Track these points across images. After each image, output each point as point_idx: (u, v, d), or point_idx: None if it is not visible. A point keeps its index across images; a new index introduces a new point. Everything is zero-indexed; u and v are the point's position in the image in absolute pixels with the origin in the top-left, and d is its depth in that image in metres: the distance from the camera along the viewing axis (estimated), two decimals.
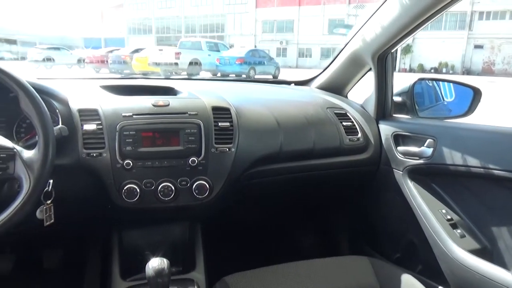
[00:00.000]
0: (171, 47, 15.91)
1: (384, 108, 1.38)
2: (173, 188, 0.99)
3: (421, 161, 1.21)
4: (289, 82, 1.76)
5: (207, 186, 1.01)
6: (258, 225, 1.71)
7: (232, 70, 13.89)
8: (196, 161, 1.01)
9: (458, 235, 1.10)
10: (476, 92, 1.35)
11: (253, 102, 1.26)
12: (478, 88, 1.35)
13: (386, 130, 1.34)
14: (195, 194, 1.01)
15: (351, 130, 1.31)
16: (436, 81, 1.53)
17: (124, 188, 0.96)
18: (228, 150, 1.05)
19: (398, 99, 1.40)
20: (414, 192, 1.21)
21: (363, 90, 1.53)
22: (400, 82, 1.41)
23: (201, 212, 1.12)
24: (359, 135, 1.31)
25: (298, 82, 1.74)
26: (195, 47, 15.02)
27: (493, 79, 17.54)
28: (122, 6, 39.43)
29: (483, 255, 1.03)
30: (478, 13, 25.62)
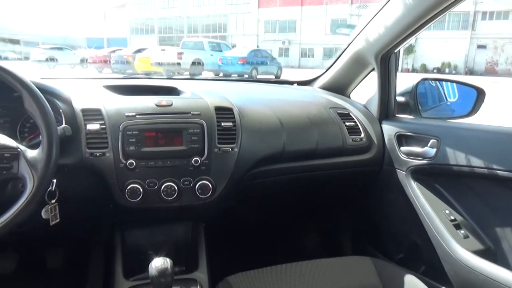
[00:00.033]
0: (174, 47, 15.90)
1: (387, 108, 1.38)
2: (176, 188, 0.99)
3: (424, 161, 1.20)
4: (291, 82, 1.75)
5: (210, 186, 1.01)
6: (261, 225, 1.71)
7: (234, 70, 13.90)
8: (199, 161, 1.01)
9: (462, 235, 1.10)
10: (480, 92, 1.34)
11: (256, 102, 1.26)
12: (482, 88, 1.34)
13: (389, 130, 1.33)
14: (198, 194, 1.01)
15: (354, 130, 1.31)
16: (439, 81, 1.52)
17: (127, 188, 0.96)
18: (231, 150, 1.05)
19: (401, 99, 1.39)
20: (417, 193, 1.21)
21: (366, 90, 1.53)
22: (403, 82, 1.41)
23: (204, 212, 1.12)
24: (362, 135, 1.31)
25: (301, 82, 1.74)
26: (198, 47, 15.04)
27: (496, 79, 17.47)
28: (125, 6, 39.49)
29: (486, 255, 1.03)
30: (481, 13, 25.51)
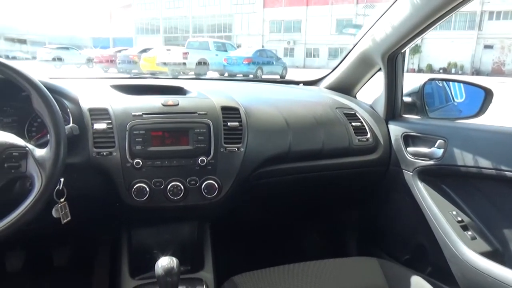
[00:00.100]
0: (179, 47, 15.97)
1: (394, 109, 1.37)
2: (182, 187, 0.99)
3: (431, 162, 1.20)
4: (297, 82, 1.75)
5: (216, 185, 1.01)
6: (266, 225, 1.71)
7: (239, 70, 13.91)
8: (205, 160, 1.01)
9: (469, 237, 1.09)
10: (488, 93, 1.33)
11: (262, 102, 1.26)
12: (490, 88, 1.33)
13: (396, 130, 1.33)
14: (204, 193, 1.01)
15: (360, 130, 1.30)
16: (446, 81, 1.51)
17: (134, 187, 0.96)
18: (237, 149, 1.05)
19: (408, 99, 1.39)
20: (424, 193, 1.20)
21: (372, 91, 1.52)
22: (408, 83, 1.40)
23: (210, 211, 1.12)
24: (368, 135, 1.30)
25: (307, 82, 1.74)
26: (203, 47, 15.07)
27: (503, 80, 17.32)
28: (131, 6, 39.64)
29: (494, 257, 1.02)
30: (488, 13, 25.33)
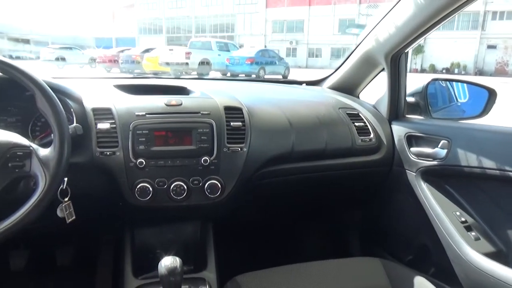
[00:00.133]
0: (182, 47, 15.97)
1: (397, 109, 1.37)
2: (185, 187, 0.99)
3: (434, 162, 1.19)
4: (300, 82, 1.75)
5: (219, 185, 1.01)
6: (269, 225, 1.71)
7: (242, 70, 13.92)
8: (208, 160, 1.01)
9: (473, 237, 1.09)
10: (491, 93, 1.33)
11: (265, 102, 1.26)
12: (493, 88, 1.33)
13: (399, 130, 1.32)
14: (207, 193, 1.01)
15: (363, 130, 1.30)
16: (449, 81, 1.51)
17: (137, 186, 0.96)
18: (240, 149, 1.05)
19: (411, 99, 1.38)
20: (427, 194, 1.20)
21: (375, 91, 1.52)
22: (410, 83, 1.40)
23: (212, 211, 1.12)
24: (372, 135, 1.30)
25: (310, 82, 1.73)
26: (205, 47, 15.10)
27: (506, 80, 17.24)
28: (133, 6, 39.75)
29: (498, 258, 1.01)
30: (492, 12, 25.25)
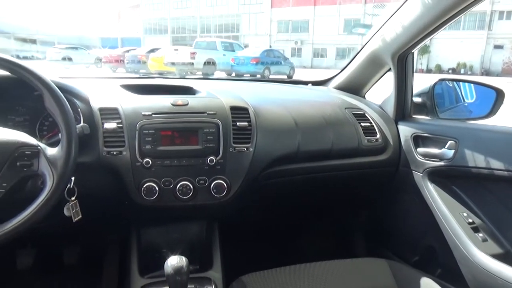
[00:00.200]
0: (187, 47, 15.99)
1: (404, 109, 1.36)
2: (191, 187, 0.99)
3: (441, 163, 1.19)
4: (306, 82, 1.75)
5: (225, 185, 1.01)
6: (275, 225, 1.71)
7: (247, 70, 13.92)
8: (214, 160, 1.01)
9: (480, 239, 1.08)
10: (499, 93, 1.32)
11: (271, 102, 1.26)
12: (501, 89, 1.32)
13: (406, 131, 1.32)
14: (213, 193, 1.01)
15: (369, 130, 1.29)
16: (456, 81, 1.50)
17: (143, 186, 0.97)
18: (246, 149, 1.05)
19: (418, 99, 1.38)
20: (434, 195, 1.19)
21: (380, 91, 1.51)
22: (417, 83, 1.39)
23: (218, 211, 1.12)
24: (378, 136, 1.30)
25: (316, 82, 1.73)
26: (210, 47, 15.11)
27: None
28: (139, 7, 39.88)
29: (506, 259, 1.01)
30: (498, 12, 25.06)
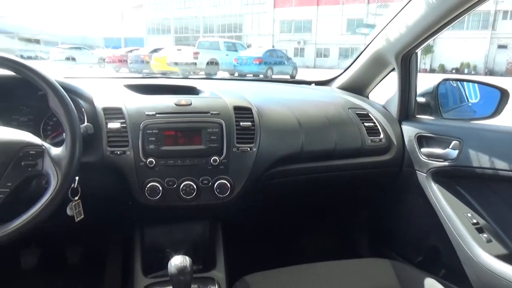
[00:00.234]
0: (190, 47, 16.01)
1: (408, 109, 1.36)
2: (195, 186, 0.99)
3: (445, 163, 1.18)
4: (309, 82, 1.75)
5: (229, 185, 1.01)
6: (278, 225, 1.71)
7: (249, 70, 13.92)
8: (218, 160, 1.01)
9: (484, 239, 1.07)
10: (504, 93, 1.31)
11: (274, 102, 1.26)
12: (506, 89, 1.31)
13: (409, 131, 1.31)
14: (216, 193, 1.01)
15: (373, 131, 1.29)
16: (460, 81, 1.50)
17: (147, 186, 0.97)
18: (249, 149, 1.05)
19: (422, 99, 1.37)
20: (438, 195, 1.19)
21: (384, 91, 1.51)
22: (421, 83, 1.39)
23: (222, 211, 1.12)
24: (381, 136, 1.29)
25: (319, 82, 1.73)
26: (213, 47, 15.12)
27: None
28: (142, 7, 39.99)
29: (510, 260, 1.00)
30: (502, 12, 24.96)
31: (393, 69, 1.38)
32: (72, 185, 0.85)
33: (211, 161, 1.01)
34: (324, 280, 0.98)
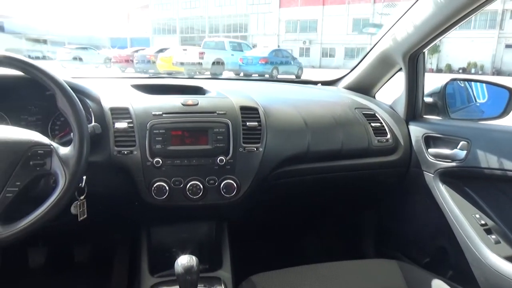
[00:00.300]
0: (195, 47, 16.05)
1: (415, 109, 1.35)
2: (201, 186, 0.99)
3: (453, 163, 1.17)
4: (316, 82, 1.74)
5: (235, 185, 1.01)
6: (285, 225, 1.70)
7: (255, 70, 13.92)
8: (224, 160, 1.01)
9: (493, 241, 1.07)
10: None
11: (280, 102, 1.26)
12: None
13: (417, 131, 1.31)
14: (222, 193, 1.01)
15: (379, 131, 1.29)
16: (468, 81, 1.48)
17: (154, 185, 0.97)
18: (256, 149, 1.05)
19: (429, 100, 1.36)
20: (446, 196, 1.18)
21: (390, 91, 1.50)
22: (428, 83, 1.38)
23: (228, 211, 1.12)
24: (388, 136, 1.28)
25: (325, 82, 1.72)
26: (219, 47, 15.14)
27: None
28: (148, 7, 40.18)
29: None
30: (510, 11, 24.73)
31: (400, 69, 1.37)
32: (80, 184, 0.86)
33: (218, 161, 1.01)
34: (330, 281, 0.98)
